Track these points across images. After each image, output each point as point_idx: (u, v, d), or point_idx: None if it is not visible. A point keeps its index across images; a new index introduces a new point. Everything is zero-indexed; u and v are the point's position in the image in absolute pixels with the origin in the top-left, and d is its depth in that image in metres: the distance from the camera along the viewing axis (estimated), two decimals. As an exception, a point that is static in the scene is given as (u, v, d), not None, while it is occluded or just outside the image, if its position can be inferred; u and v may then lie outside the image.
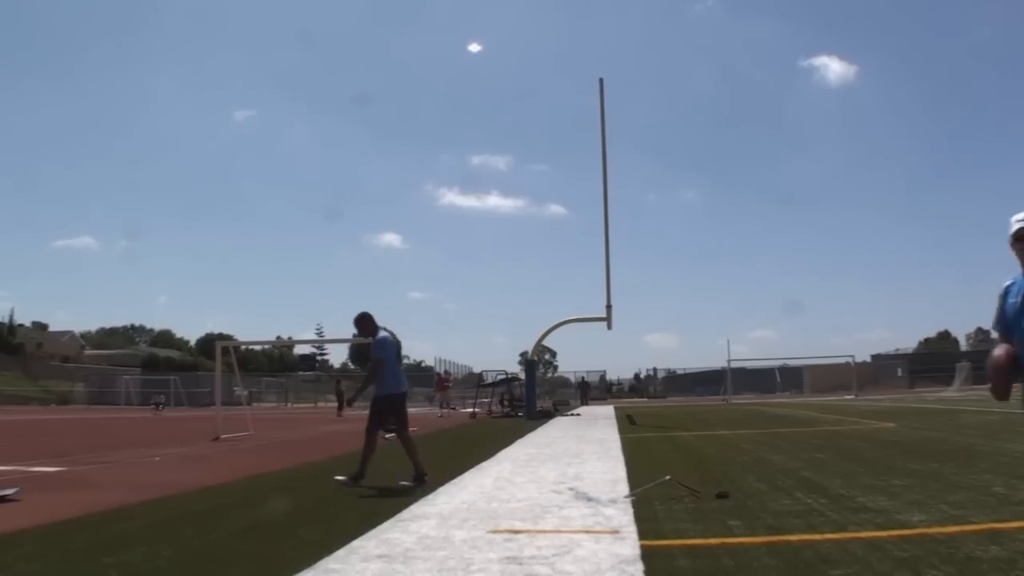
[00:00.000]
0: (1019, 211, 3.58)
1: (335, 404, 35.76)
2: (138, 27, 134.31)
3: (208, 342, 70.62)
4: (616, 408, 38.47)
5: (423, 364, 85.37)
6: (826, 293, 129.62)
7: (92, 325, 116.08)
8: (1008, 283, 3.80)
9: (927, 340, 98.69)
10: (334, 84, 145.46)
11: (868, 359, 69.15)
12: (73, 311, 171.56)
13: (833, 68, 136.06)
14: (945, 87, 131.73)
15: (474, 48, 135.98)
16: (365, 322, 9.45)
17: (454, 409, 38.24)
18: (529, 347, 36.71)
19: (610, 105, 32.41)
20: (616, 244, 44.09)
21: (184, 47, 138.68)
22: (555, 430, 20.26)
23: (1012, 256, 3.67)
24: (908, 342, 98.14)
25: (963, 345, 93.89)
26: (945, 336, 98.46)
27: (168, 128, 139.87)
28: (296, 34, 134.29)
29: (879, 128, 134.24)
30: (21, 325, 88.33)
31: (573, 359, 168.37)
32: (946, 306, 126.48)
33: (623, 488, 8.12)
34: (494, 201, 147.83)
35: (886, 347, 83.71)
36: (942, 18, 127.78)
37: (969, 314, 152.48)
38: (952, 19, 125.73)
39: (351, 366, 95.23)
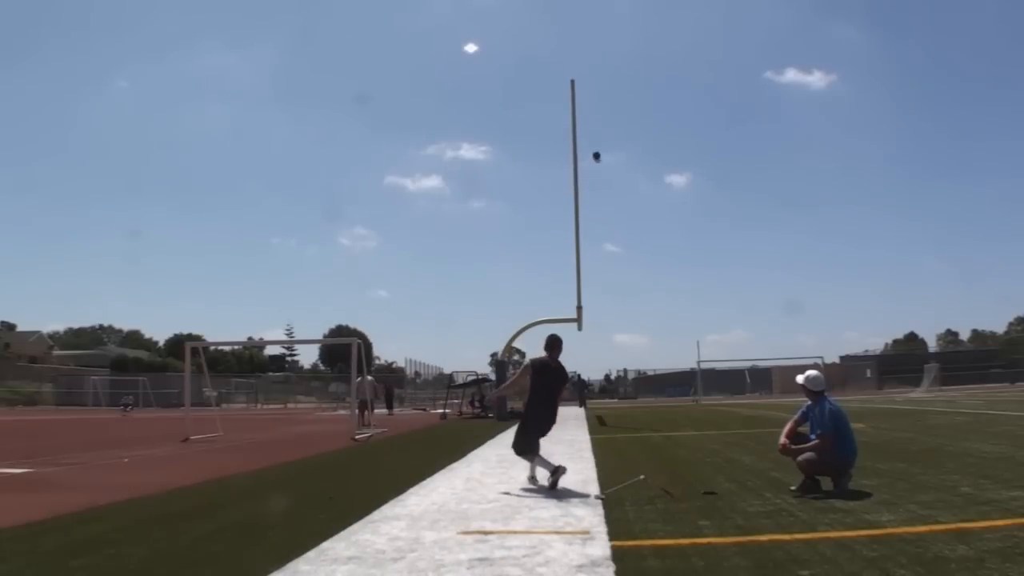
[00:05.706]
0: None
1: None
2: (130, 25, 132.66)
3: (177, 343, 69.80)
4: (587, 409, 38.54)
5: (394, 365, 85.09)
6: (797, 295, 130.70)
7: (60, 325, 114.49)
8: None
9: (895, 341, 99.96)
10: (294, 79, 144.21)
11: (837, 360, 69.85)
12: (41, 311, 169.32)
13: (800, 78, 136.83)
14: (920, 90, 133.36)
15: (470, 48, 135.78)
16: None
17: None
18: (499, 348, 36.75)
19: (597, 104, 32.49)
20: (587, 244, 44.06)
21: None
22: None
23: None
24: (876, 344, 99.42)
25: (932, 346, 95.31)
26: (913, 337, 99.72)
27: (129, 124, 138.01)
28: (292, 33, 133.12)
29: (860, 131, 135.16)
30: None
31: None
32: (913, 308, 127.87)
33: (594, 489, 8.15)
34: (466, 200, 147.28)
35: (855, 348, 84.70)
36: (943, 18, 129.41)
37: (938, 316, 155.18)
38: (953, 20, 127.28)
39: (322, 367, 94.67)
